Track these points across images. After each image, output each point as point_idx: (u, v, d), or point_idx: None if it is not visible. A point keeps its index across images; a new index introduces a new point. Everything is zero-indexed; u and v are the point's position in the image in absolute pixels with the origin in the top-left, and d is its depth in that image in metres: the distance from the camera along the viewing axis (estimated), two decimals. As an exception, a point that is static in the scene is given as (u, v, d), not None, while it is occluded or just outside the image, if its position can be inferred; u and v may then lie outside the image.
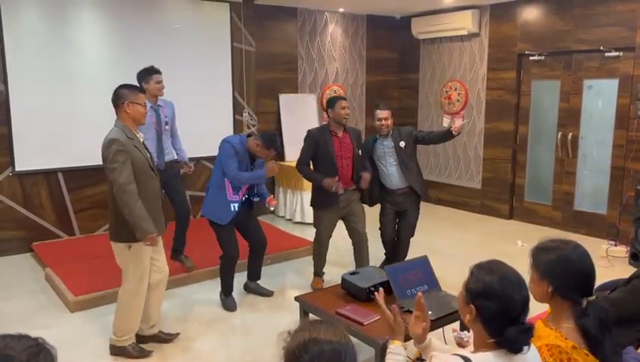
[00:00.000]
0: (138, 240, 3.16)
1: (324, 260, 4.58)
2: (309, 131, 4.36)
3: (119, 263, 3.32)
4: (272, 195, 4.19)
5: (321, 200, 4.33)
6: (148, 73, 4.38)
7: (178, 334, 3.68)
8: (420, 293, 1.93)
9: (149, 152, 3.37)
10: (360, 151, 4.40)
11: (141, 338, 3.53)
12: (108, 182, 3.18)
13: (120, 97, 3.17)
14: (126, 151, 3.07)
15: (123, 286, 3.33)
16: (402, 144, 4.49)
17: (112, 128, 3.19)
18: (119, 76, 5.65)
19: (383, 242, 4.70)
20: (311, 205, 4.47)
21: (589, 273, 1.75)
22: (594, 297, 1.73)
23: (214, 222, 4.02)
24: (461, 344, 2.10)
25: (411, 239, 4.68)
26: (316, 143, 4.26)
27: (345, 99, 4.37)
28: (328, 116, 4.37)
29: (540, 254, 1.80)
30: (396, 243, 4.67)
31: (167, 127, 4.51)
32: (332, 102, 4.30)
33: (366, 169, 4.40)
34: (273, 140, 3.90)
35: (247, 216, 4.16)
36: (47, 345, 1.13)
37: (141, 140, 3.28)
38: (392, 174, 4.49)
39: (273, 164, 3.92)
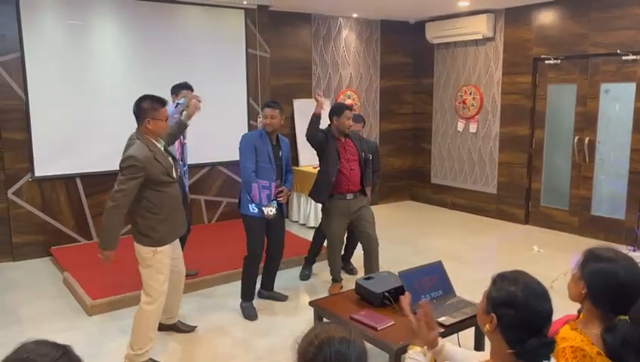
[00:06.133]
0: (161, 245, 3.24)
1: (340, 265, 4.58)
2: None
3: (141, 269, 3.29)
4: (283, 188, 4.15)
5: (330, 204, 4.36)
6: (181, 88, 4.51)
7: (195, 327, 3.82)
8: (422, 302, 1.92)
9: (173, 157, 3.40)
10: (364, 153, 4.44)
11: (160, 326, 3.65)
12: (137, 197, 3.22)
13: (142, 113, 3.18)
14: (141, 167, 3.08)
15: (146, 297, 3.28)
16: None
17: (135, 141, 3.18)
18: (136, 83, 5.76)
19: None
20: (322, 210, 4.47)
21: (629, 293, 1.69)
22: (626, 317, 1.68)
23: (242, 213, 4.09)
24: None
25: (425, 244, 4.66)
26: (325, 139, 4.27)
27: (351, 109, 4.33)
28: (332, 123, 4.33)
29: (590, 258, 1.78)
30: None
31: (185, 141, 4.59)
32: (339, 111, 4.28)
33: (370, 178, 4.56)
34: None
35: (277, 218, 4.18)
36: (73, 354, 1.16)
37: (162, 149, 3.30)
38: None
39: (285, 193, 4.08)
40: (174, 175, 3.35)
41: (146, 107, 3.17)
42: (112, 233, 3.14)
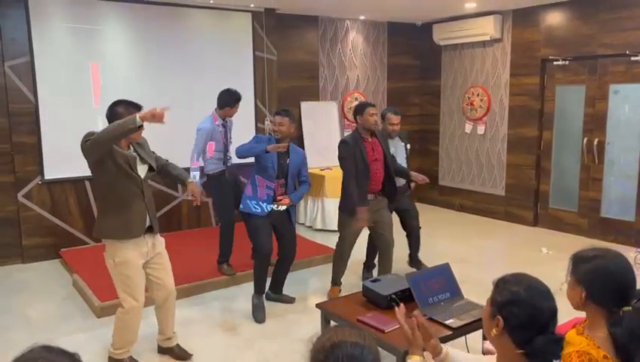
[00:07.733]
0: (122, 238, 3.09)
1: (344, 268, 4.54)
2: (344, 142, 4.25)
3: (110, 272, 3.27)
4: (285, 197, 4.18)
5: (351, 206, 4.22)
6: (236, 100, 4.69)
7: (192, 355, 3.54)
8: (415, 312, 1.94)
9: (148, 162, 3.25)
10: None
11: (160, 349, 3.59)
12: (93, 183, 3.21)
13: (116, 117, 3.08)
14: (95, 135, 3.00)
15: (120, 302, 3.24)
16: (409, 146, 5.03)
17: None
18: (144, 86, 5.80)
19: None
20: (339, 208, 4.43)
21: (626, 283, 1.71)
22: (630, 307, 1.69)
23: (242, 212, 4.18)
24: (490, 351, 2.07)
25: (433, 246, 4.65)
26: (354, 152, 4.19)
27: (374, 106, 4.34)
28: (357, 123, 4.33)
29: (579, 261, 1.79)
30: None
31: (231, 140, 4.84)
32: (361, 109, 4.28)
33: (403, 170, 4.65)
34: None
35: (285, 223, 4.22)
36: None
37: (133, 155, 3.16)
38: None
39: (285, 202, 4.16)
40: (139, 175, 3.16)
41: (121, 111, 3.08)
42: (120, 122, 3.07)
